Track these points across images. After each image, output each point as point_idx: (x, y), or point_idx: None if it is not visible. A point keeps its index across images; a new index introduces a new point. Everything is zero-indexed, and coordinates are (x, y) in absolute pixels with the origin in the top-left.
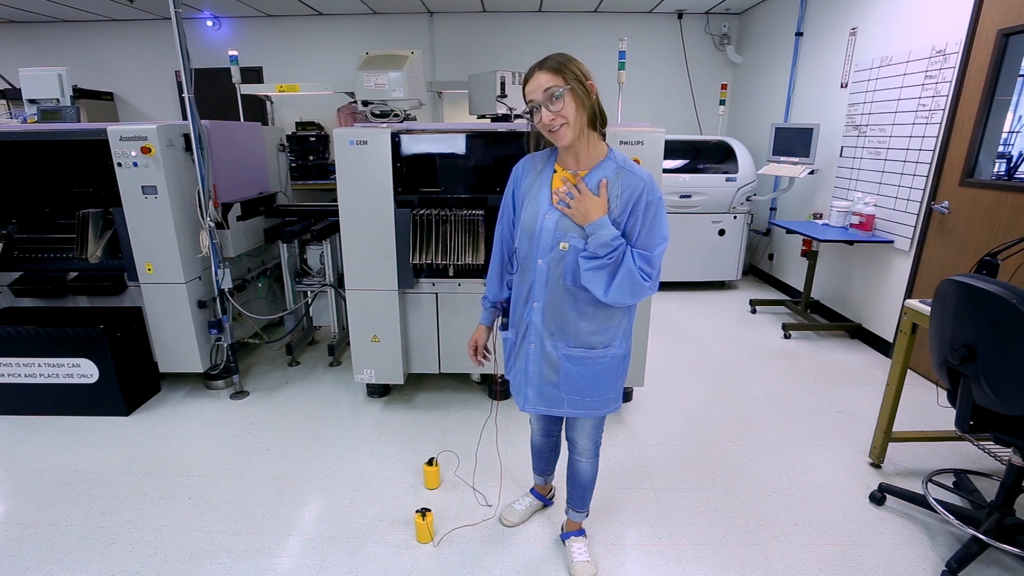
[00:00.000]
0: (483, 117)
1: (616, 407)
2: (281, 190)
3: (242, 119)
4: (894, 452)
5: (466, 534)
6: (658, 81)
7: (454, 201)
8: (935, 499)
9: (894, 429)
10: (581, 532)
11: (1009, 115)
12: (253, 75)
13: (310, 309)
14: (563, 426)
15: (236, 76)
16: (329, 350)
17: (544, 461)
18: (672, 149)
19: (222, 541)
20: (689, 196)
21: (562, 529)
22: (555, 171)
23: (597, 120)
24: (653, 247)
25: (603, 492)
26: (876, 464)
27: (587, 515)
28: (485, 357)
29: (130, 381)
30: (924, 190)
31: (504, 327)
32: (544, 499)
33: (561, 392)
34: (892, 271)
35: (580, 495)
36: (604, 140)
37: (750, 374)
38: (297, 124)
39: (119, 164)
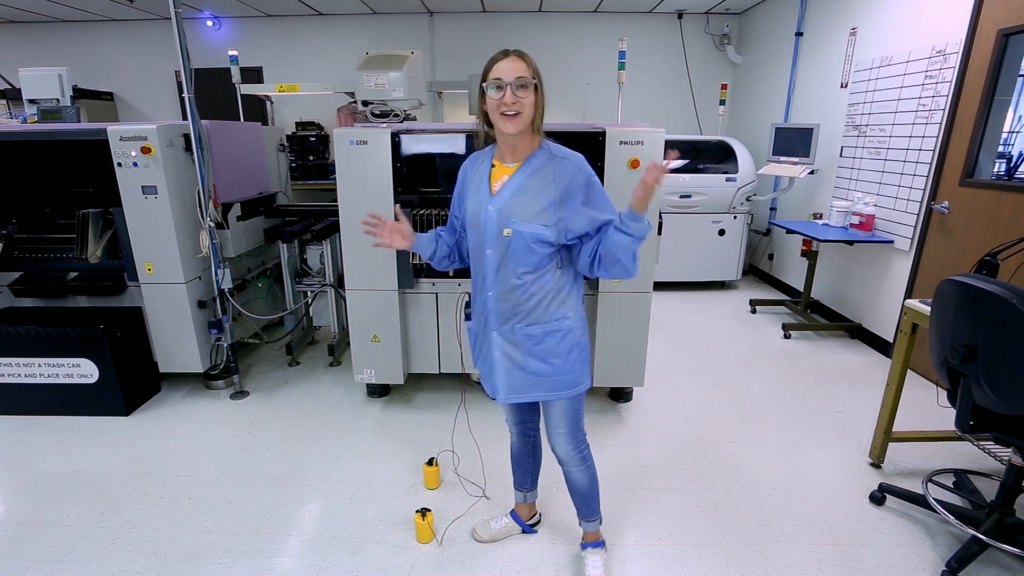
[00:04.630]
0: None
1: (585, 385)
2: (281, 190)
3: (242, 119)
4: (894, 452)
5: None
6: (658, 81)
7: None
8: (935, 499)
9: (894, 429)
10: (599, 544)
11: (1009, 115)
12: (253, 75)
13: (310, 309)
14: (540, 423)
15: (236, 76)
16: (329, 350)
17: (523, 470)
18: (672, 149)
19: (222, 541)
20: (689, 196)
21: (582, 538)
22: (493, 165)
23: (537, 121)
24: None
25: (603, 492)
26: (876, 464)
27: (599, 522)
28: (379, 220)
29: (130, 381)
30: (924, 190)
31: (468, 318)
32: (524, 524)
33: (527, 373)
34: (892, 271)
35: (584, 504)
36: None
37: (750, 374)
38: (297, 124)
39: (119, 164)
